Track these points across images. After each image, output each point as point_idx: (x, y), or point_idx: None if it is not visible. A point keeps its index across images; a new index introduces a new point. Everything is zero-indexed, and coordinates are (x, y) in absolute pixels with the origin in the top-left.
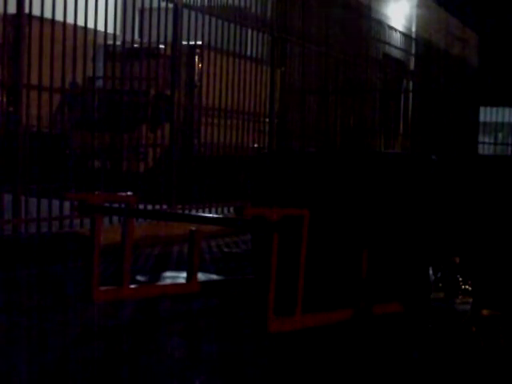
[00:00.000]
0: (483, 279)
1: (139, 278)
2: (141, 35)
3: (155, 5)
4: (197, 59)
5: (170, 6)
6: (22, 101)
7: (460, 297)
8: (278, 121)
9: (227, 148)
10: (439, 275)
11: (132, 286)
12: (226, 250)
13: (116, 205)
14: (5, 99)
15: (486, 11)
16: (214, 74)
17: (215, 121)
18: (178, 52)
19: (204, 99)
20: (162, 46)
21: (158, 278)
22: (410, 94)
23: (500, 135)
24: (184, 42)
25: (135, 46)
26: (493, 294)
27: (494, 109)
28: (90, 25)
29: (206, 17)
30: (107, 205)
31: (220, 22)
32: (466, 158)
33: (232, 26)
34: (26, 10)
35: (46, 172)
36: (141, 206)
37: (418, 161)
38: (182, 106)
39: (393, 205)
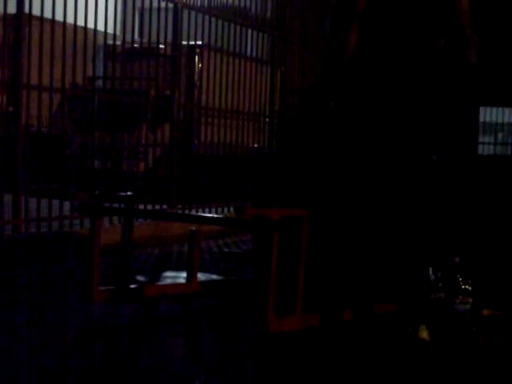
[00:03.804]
0: (483, 279)
1: (139, 278)
2: (141, 35)
3: (155, 5)
4: (197, 59)
5: (170, 5)
6: (22, 101)
7: (460, 297)
8: (277, 121)
9: (227, 148)
10: (439, 275)
11: (132, 286)
12: (226, 249)
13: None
14: (5, 99)
15: (485, 11)
16: (214, 74)
17: (215, 121)
18: (178, 52)
19: (204, 99)
20: (162, 46)
21: (158, 277)
22: None
23: (500, 135)
24: (184, 42)
25: (135, 45)
26: (493, 293)
27: (494, 109)
28: (90, 25)
29: (206, 17)
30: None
31: (220, 21)
32: (465, 158)
33: (232, 25)
34: (26, 10)
35: (46, 172)
36: (141, 206)
37: (417, 161)
38: (181, 106)
39: (393, 205)
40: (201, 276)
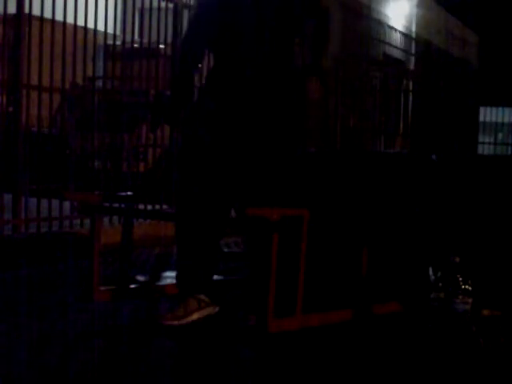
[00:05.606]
0: (483, 279)
1: (139, 277)
2: (141, 35)
3: (155, 5)
4: None
5: (170, 5)
6: (22, 101)
7: (460, 297)
8: None
9: None
10: (439, 275)
11: (132, 286)
12: (225, 250)
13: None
14: (5, 99)
15: (486, 11)
16: None
17: None
18: (178, 52)
19: None
20: (161, 46)
21: (158, 278)
22: (410, 94)
23: (500, 135)
24: None
25: (135, 45)
26: (493, 293)
27: (494, 109)
28: (90, 25)
29: None
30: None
31: None
32: (465, 158)
33: None
34: (26, 10)
35: (46, 172)
36: (141, 206)
37: (417, 161)
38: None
39: (393, 205)
40: None
